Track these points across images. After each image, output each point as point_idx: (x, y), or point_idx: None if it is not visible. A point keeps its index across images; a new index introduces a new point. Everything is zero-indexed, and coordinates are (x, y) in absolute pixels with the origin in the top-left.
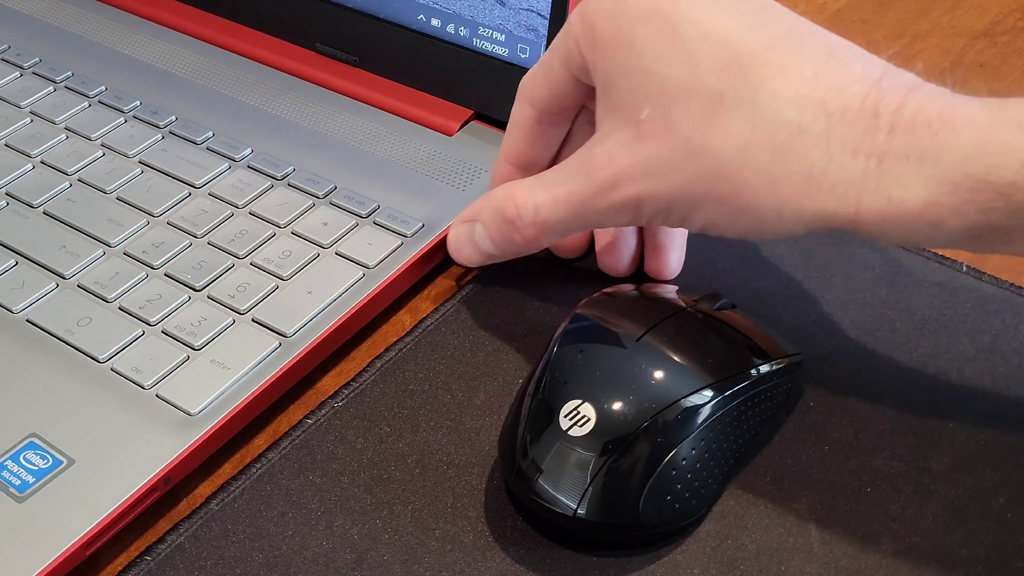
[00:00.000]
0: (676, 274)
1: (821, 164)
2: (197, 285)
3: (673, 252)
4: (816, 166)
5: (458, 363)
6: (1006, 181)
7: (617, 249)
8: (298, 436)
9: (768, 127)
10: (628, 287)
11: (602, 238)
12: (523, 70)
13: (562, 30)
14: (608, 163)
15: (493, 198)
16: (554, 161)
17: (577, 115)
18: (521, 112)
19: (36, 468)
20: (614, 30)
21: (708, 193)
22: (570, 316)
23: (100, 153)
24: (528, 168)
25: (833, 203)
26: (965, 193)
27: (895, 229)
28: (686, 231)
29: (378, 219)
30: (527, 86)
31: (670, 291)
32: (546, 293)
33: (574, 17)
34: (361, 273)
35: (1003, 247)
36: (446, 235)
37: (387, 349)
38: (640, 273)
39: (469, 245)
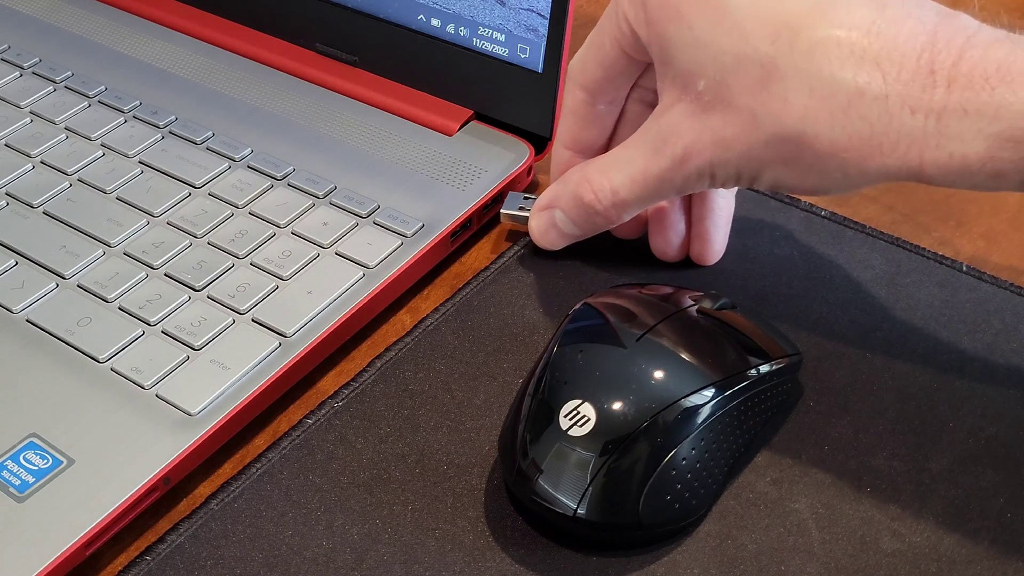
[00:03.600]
0: (718, 258)
1: (881, 124)
2: (197, 285)
3: (716, 238)
4: (876, 126)
5: (458, 363)
6: None
7: (667, 235)
8: (298, 436)
9: (826, 91)
10: (628, 287)
11: (653, 224)
12: (523, 70)
13: (609, 9)
14: (676, 137)
15: (568, 183)
16: (610, 140)
17: (629, 92)
18: (574, 97)
19: (36, 468)
20: (663, 5)
21: (775, 157)
22: (570, 316)
23: (100, 153)
24: (587, 151)
25: (896, 161)
26: None
27: (959, 180)
28: (730, 218)
29: (378, 219)
30: (577, 70)
31: (670, 291)
32: (546, 293)
33: None
34: (361, 273)
35: None
36: (446, 234)
37: (387, 349)
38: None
39: (553, 231)
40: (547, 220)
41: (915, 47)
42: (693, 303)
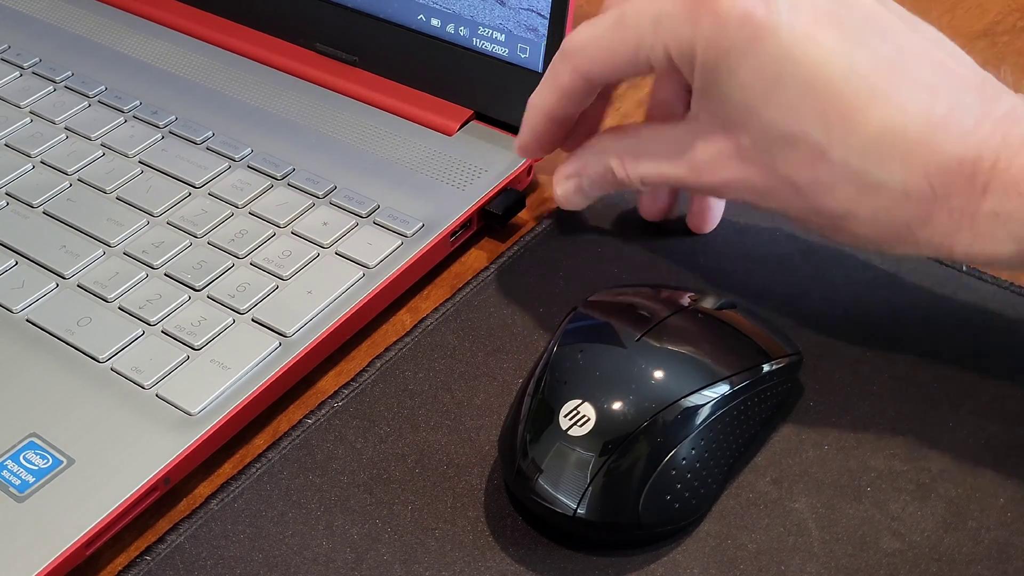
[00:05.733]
0: (715, 225)
1: (919, 222)
2: (197, 285)
3: (715, 210)
4: (914, 224)
5: (458, 363)
6: None
7: (654, 196)
8: (298, 436)
9: (872, 190)
10: (628, 287)
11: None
12: (523, 70)
13: (643, 22)
14: (712, 170)
15: (600, 154)
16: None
17: None
18: (572, 80)
19: (36, 468)
20: (715, 58)
21: (807, 220)
22: (570, 315)
23: (100, 153)
24: (564, 122)
25: (929, 250)
26: None
27: (986, 267)
28: None
29: (378, 219)
30: (584, 58)
31: (670, 291)
32: (546, 293)
33: (665, 23)
34: (361, 273)
35: None
36: (446, 234)
37: (387, 349)
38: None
39: (578, 195)
40: (575, 187)
41: (959, 153)
42: (693, 303)
